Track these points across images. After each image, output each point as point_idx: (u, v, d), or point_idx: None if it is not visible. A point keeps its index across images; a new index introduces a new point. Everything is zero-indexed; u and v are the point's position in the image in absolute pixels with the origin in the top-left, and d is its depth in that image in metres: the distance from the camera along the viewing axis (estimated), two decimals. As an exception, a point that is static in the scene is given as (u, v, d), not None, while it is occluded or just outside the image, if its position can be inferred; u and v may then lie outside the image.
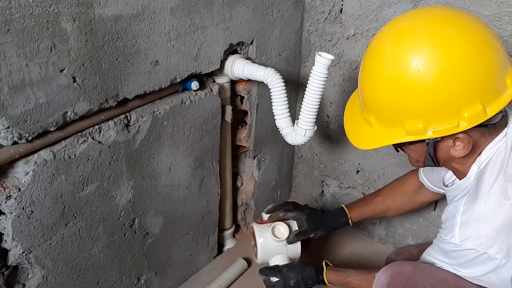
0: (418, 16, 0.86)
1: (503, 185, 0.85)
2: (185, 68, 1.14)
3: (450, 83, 0.78)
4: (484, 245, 0.86)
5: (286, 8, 1.42)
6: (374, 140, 0.90)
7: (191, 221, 1.39)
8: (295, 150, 1.80)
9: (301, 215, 1.26)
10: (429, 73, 0.79)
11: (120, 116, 1.04)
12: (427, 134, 0.83)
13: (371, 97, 0.89)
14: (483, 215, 0.86)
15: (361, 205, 1.30)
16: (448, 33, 0.79)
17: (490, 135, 0.87)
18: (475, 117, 0.80)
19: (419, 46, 0.80)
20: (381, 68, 0.85)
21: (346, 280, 1.14)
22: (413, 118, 0.83)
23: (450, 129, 0.81)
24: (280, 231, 1.24)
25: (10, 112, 0.82)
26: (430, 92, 0.80)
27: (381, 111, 0.88)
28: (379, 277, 1.03)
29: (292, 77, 1.59)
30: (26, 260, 0.96)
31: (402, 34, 0.83)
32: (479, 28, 0.81)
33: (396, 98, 0.83)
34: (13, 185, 0.89)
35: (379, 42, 0.87)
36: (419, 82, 0.80)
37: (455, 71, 0.78)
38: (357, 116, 0.96)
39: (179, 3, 1.05)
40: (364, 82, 0.91)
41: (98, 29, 0.90)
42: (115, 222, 1.13)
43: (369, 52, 0.89)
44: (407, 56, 0.80)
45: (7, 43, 0.77)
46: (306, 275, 1.17)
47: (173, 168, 1.23)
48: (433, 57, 0.79)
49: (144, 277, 1.29)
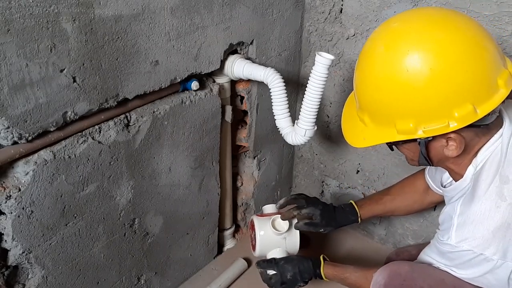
0: (410, 17, 0.87)
1: (499, 186, 0.85)
2: (185, 68, 1.14)
3: (439, 84, 0.79)
4: (480, 247, 0.86)
5: (286, 8, 1.42)
6: (367, 139, 0.92)
7: (191, 221, 1.39)
8: (295, 150, 1.80)
9: (315, 210, 1.26)
10: (418, 75, 0.80)
11: (120, 116, 1.04)
12: (418, 134, 0.84)
13: (364, 96, 0.91)
14: (479, 217, 0.86)
15: (370, 203, 1.30)
16: (438, 35, 0.80)
17: (484, 135, 0.87)
18: (465, 118, 0.80)
19: (408, 47, 0.81)
20: (372, 69, 0.87)
21: (343, 276, 1.13)
22: (404, 118, 0.84)
23: (440, 129, 0.82)
24: (280, 224, 1.25)
25: (10, 112, 0.82)
26: (420, 93, 0.81)
27: (373, 111, 0.89)
28: (376, 277, 1.03)
29: (292, 77, 1.59)
30: (26, 260, 0.96)
31: (393, 35, 0.85)
32: (471, 30, 0.82)
33: (387, 98, 0.84)
34: (13, 185, 0.89)
35: (371, 42, 0.89)
36: (409, 83, 0.81)
37: (444, 72, 0.79)
38: (353, 114, 0.97)
39: (179, 3, 1.05)
40: (358, 82, 0.92)
41: (98, 29, 0.90)
42: (115, 222, 1.13)
43: (362, 53, 0.90)
44: (397, 57, 0.82)
45: (7, 43, 0.77)
46: (303, 269, 1.17)
47: (173, 168, 1.23)
48: (422, 59, 0.79)
49: (144, 277, 1.29)
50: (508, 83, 0.82)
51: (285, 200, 1.30)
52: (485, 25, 1.15)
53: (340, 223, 1.28)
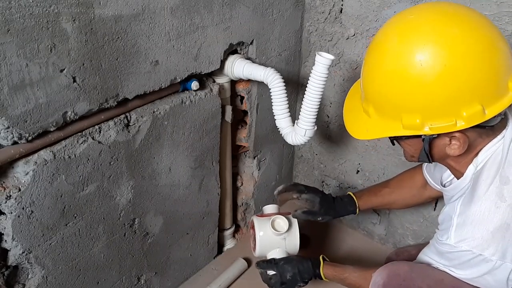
0: (426, 11, 0.84)
1: (499, 187, 0.85)
2: (185, 68, 1.14)
3: (451, 82, 0.78)
4: (479, 247, 0.86)
5: (286, 8, 1.42)
6: (370, 131, 0.90)
7: (191, 221, 1.39)
8: (295, 150, 1.80)
9: (315, 197, 1.26)
10: (431, 70, 0.78)
11: (120, 116, 1.04)
12: (424, 130, 0.83)
13: (371, 88, 0.89)
14: (479, 217, 0.86)
15: (369, 195, 1.31)
16: (454, 31, 0.79)
17: (488, 136, 0.87)
18: (473, 118, 0.80)
19: (423, 41, 0.79)
20: (383, 61, 0.85)
21: (343, 276, 1.13)
22: (411, 113, 0.82)
23: (447, 127, 0.81)
24: (280, 225, 1.25)
25: (10, 112, 0.82)
26: (430, 89, 0.79)
27: (380, 103, 0.88)
28: (375, 277, 1.03)
29: (292, 77, 1.59)
30: (26, 260, 0.96)
31: (407, 28, 0.83)
32: (486, 29, 0.80)
33: (396, 91, 0.83)
34: (13, 185, 0.89)
35: (384, 33, 0.87)
36: (420, 77, 0.79)
37: (457, 70, 0.78)
38: (357, 105, 0.96)
39: (179, 3, 1.05)
40: (366, 73, 0.90)
41: (98, 29, 0.90)
42: (115, 222, 1.13)
43: (373, 43, 0.88)
44: (410, 50, 0.80)
45: (7, 43, 0.77)
46: (303, 269, 1.17)
47: (173, 168, 1.23)
48: (436, 54, 0.78)
49: (144, 277, 1.29)
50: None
51: (283, 186, 1.30)
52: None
53: (338, 213, 1.29)
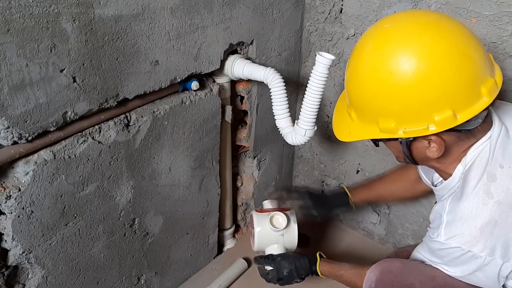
0: (400, 20, 0.88)
1: (486, 184, 0.87)
2: (185, 68, 1.14)
3: (421, 88, 0.81)
4: (468, 244, 0.87)
5: (286, 8, 1.42)
6: (352, 134, 0.95)
7: (191, 221, 1.39)
8: (295, 150, 1.80)
9: (304, 194, 1.33)
10: (402, 77, 0.82)
11: (120, 116, 1.04)
12: (399, 134, 0.87)
13: (351, 93, 0.93)
14: (467, 214, 0.88)
15: (363, 189, 1.35)
16: (425, 40, 0.82)
17: (469, 138, 0.89)
18: (444, 122, 0.82)
19: (395, 49, 0.83)
20: (360, 67, 0.89)
21: (338, 273, 1.16)
22: (386, 117, 0.86)
23: (420, 131, 0.85)
24: (278, 221, 1.26)
25: (10, 112, 0.82)
26: (401, 95, 0.83)
27: (359, 107, 0.92)
28: (369, 274, 1.04)
29: (292, 77, 1.59)
30: (26, 260, 0.96)
31: (381, 36, 0.87)
32: (459, 38, 0.83)
33: (371, 97, 0.87)
34: (13, 185, 0.89)
35: (362, 41, 0.91)
36: (392, 84, 0.83)
37: (426, 77, 0.80)
38: (343, 109, 1.00)
39: (179, 3, 1.05)
40: (347, 79, 0.94)
41: (98, 29, 0.90)
42: (115, 222, 1.13)
43: (353, 49, 0.93)
44: (382, 58, 0.84)
45: (7, 43, 0.77)
46: (299, 265, 1.19)
47: (173, 168, 1.23)
48: (406, 62, 0.81)
49: (144, 277, 1.29)
50: (492, 91, 0.83)
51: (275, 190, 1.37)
52: (485, 25, 1.15)
53: (332, 204, 1.34)
